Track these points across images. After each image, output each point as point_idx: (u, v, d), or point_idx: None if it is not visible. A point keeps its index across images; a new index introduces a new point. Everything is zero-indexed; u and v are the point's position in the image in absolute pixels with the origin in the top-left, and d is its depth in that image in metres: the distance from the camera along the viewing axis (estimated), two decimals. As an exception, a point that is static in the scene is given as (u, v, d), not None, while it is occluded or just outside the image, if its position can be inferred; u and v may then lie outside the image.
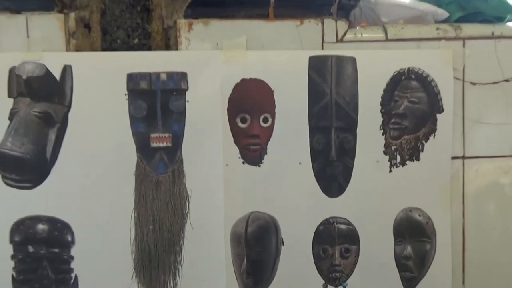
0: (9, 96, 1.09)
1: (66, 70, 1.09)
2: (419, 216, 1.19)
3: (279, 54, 1.14)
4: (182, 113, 1.12)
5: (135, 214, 1.11)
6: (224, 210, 1.13)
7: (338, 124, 1.15)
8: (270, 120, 1.15)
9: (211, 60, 1.12)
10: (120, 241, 1.11)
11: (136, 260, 1.11)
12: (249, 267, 1.14)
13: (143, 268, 1.12)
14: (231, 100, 1.13)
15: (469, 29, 1.20)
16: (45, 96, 1.10)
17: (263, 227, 1.15)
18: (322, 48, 1.16)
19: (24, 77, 1.09)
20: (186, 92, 1.11)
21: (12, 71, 1.09)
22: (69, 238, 1.10)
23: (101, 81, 1.10)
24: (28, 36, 1.11)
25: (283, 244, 1.15)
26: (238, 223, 1.14)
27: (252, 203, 1.14)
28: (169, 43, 1.18)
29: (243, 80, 1.13)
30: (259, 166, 1.14)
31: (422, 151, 1.18)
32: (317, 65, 1.14)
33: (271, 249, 1.15)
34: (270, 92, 1.14)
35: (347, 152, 1.16)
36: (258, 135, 1.14)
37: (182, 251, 1.12)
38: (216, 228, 1.13)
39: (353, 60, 1.15)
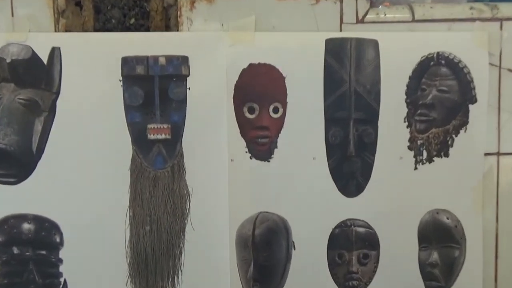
0: (-9, 81, 1.00)
1: (55, 53, 0.96)
2: (447, 219, 1.05)
3: (292, 37, 1.00)
4: (183, 102, 0.98)
5: (130, 213, 0.98)
6: (229, 210, 0.99)
7: (357, 115, 1.00)
8: (281, 110, 1.01)
9: (215, 42, 0.98)
10: (113, 243, 0.98)
11: (131, 264, 0.99)
12: (256, 273, 1.00)
13: (139, 273, 0.99)
14: (238, 87, 0.99)
15: (507, 9, 1.04)
16: (31, 81, 0.97)
17: (272, 229, 1.01)
18: (340, 30, 1.02)
19: (8, 60, 0.95)
20: (188, 78, 0.98)
21: (-6, 53, 1.00)
22: (58, 239, 0.97)
23: (93, 66, 0.97)
24: (12, 15, 0.98)
25: (294, 248, 1.02)
26: (244, 224, 1.01)
27: (260, 202, 1.00)
28: (169, 24, 1.05)
29: (251, 65, 0.99)
30: (268, 161, 1.00)
31: (452, 146, 1.03)
32: (334, 49, 1.00)
33: (281, 253, 1.02)
34: (281, 78, 1.00)
35: (367, 147, 1.01)
36: (267, 126, 1.00)
37: (182, 255, 0.99)
38: (220, 230, 1.00)
39: (375, 44, 1.00)
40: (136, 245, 0.98)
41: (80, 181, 0.97)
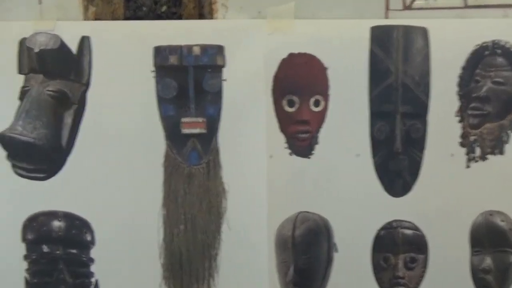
0: (20, 72, 0.90)
1: (84, 42, 0.90)
2: (502, 221, 0.94)
3: (334, 24, 0.91)
4: (218, 94, 0.91)
5: (164, 211, 0.91)
6: (267, 210, 0.91)
7: (404, 109, 0.91)
8: (322, 103, 0.92)
9: (252, 31, 0.90)
10: (146, 242, 0.91)
11: (165, 265, 0.92)
12: (296, 276, 0.92)
13: (173, 275, 0.92)
14: (277, 79, 0.91)
15: None
16: (60, 72, 0.90)
17: (313, 230, 0.93)
18: (386, 17, 0.93)
19: (36, 50, 0.89)
20: (223, 69, 0.90)
21: (22, 43, 0.90)
22: (89, 238, 0.91)
23: (124, 56, 0.90)
24: (40, 2, 0.93)
25: (336, 251, 0.93)
26: (284, 224, 0.92)
27: (300, 201, 0.92)
28: (202, 12, 0.97)
29: (291, 55, 0.91)
30: (309, 157, 0.92)
31: (507, 142, 0.93)
32: (380, 38, 0.91)
33: (322, 256, 0.93)
34: (323, 69, 0.91)
35: (415, 143, 0.92)
36: (308, 121, 0.92)
37: (218, 256, 0.92)
38: (258, 230, 0.92)
39: (424, 32, 0.91)
40: (170, 245, 0.91)
41: (111, 177, 0.91)
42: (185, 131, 0.91)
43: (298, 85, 0.92)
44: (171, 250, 0.92)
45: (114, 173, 0.91)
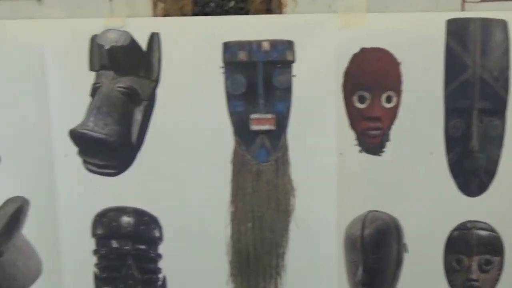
0: (91, 69, 0.88)
1: (153, 39, 0.87)
2: None
3: (408, 18, 0.86)
4: (288, 90, 0.87)
5: (232, 209, 0.89)
6: (337, 208, 0.88)
7: (482, 105, 0.86)
8: (394, 99, 0.87)
9: (323, 25, 0.86)
10: (214, 239, 0.89)
11: (233, 262, 0.89)
12: (365, 276, 0.88)
13: (240, 272, 0.89)
14: (348, 74, 0.87)
15: None
16: (130, 69, 0.88)
17: (383, 229, 0.88)
18: (463, 9, 0.87)
19: (107, 47, 0.87)
20: (293, 65, 0.86)
21: (93, 40, 0.88)
22: (157, 234, 0.89)
23: (193, 52, 0.87)
24: (110, 0, 0.90)
25: (406, 251, 0.89)
26: (353, 223, 0.89)
27: (370, 200, 0.88)
28: (270, 6, 0.93)
29: (362, 50, 0.86)
30: (380, 155, 0.87)
31: None
32: (456, 31, 0.85)
33: (392, 256, 0.89)
34: (396, 64, 0.86)
35: (493, 141, 0.86)
36: (380, 117, 0.87)
37: (286, 255, 0.89)
38: (327, 228, 0.88)
39: (503, 24, 0.85)
40: (238, 242, 0.89)
41: (180, 173, 0.88)
42: (254, 127, 0.88)
43: (370, 81, 0.88)
44: (239, 248, 0.89)
45: (183, 169, 0.89)
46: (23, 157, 0.90)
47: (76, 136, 0.88)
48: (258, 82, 0.87)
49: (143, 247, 0.90)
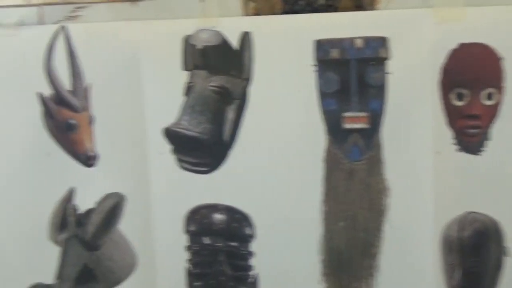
0: (184, 68, 0.88)
1: (245, 38, 0.86)
2: None
3: (510, 11, 0.79)
4: (382, 88, 0.83)
5: (324, 208, 0.86)
6: (434, 209, 0.83)
7: None
8: (495, 96, 0.81)
9: (418, 20, 0.81)
10: (306, 238, 0.86)
11: (325, 262, 0.86)
12: (463, 280, 0.83)
13: (332, 272, 0.86)
14: (445, 70, 0.81)
15: None
16: (223, 68, 0.87)
17: (482, 232, 0.83)
18: None
19: (200, 46, 0.87)
20: (387, 62, 0.82)
21: (186, 40, 0.88)
22: (249, 231, 0.88)
23: (284, 50, 0.85)
24: (202, 0, 0.87)
25: (507, 255, 0.83)
26: (450, 225, 0.83)
27: (469, 201, 0.83)
28: (360, 3, 0.90)
29: (461, 45, 0.80)
30: (479, 154, 0.82)
31: None
32: None
33: (491, 260, 0.83)
34: (497, 60, 0.80)
35: None
36: (479, 115, 0.81)
37: (379, 255, 0.85)
38: (423, 229, 0.84)
39: None
40: (330, 241, 0.86)
41: (272, 171, 0.87)
42: (347, 126, 0.85)
43: (469, 77, 0.82)
44: (331, 247, 0.86)
45: (275, 168, 0.86)
46: (120, 155, 0.92)
47: (171, 134, 0.89)
48: (351, 80, 0.84)
49: (235, 244, 0.89)
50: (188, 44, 0.88)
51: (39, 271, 0.97)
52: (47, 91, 0.94)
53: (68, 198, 0.96)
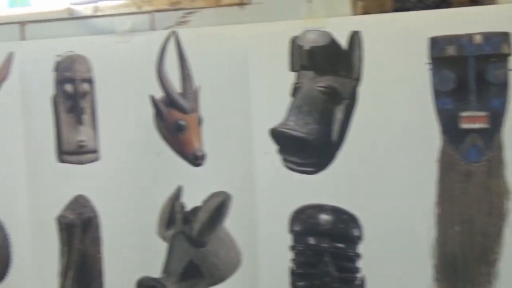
0: (292, 69, 0.85)
1: (354, 37, 0.81)
2: None
3: None
4: (504, 85, 0.75)
5: (438, 210, 0.79)
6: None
7: None
8: None
9: (544, 13, 0.76)
10: (417, 241, 0.79)
11: (438, 267, 0.79)
12: None
13: (446, 277, 0.79)
14: None
15: None
16: (330, 68, 0.83)
17: None
18: None
19: (307, 47, 0.84)
20: (509, 58, 0.75)
21: (293, 41, 0.85)
22: (356, 233, 0.83)
23: (396, 49, 0.79)
24: (309, 1, 0.85)
25: None
26: None
27: None
28: (476, -2, 0.85)
29: None
30: None
31: None
32: None
33: None
34: None
35: None
36: None
37: (498, 262, 0.77)
38: (549, 236, 0.77)
39: None
40: (443, 246, 0.78)
41: (381, 172, 0.81)
42: (464, 126, 0.77)
43: None
44: (445, 252, 0.79)
45: (385, 169, 0.81)
46: (227, 155, 0.90)
47: (277, 135, 0.85)
48: (469, 77, 0.76)
49: (341, 245, 0.84)
50: (295, 45, 0.85)
51: (147, 265, 0.97)
52: (159, 94, 0.95)
53: (176, 196, 0.96)
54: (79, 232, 1.04)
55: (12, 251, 1.08)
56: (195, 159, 0.93)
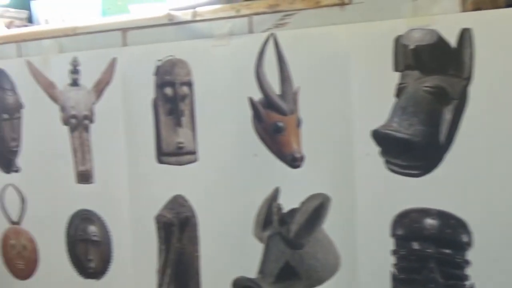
0: (396, 69, 0.83)
1: (464, 35, 0.78)
2: None
3: None
4: None
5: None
6: None
7: None
8: None
9: None
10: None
11: None
12: None
13: None
14: None
15: None
16: (437, 67, 0.81)
17: None
18: None
19: (412, 46, 0.82)
20: None
21: (397, 40, 0.83)
22: (465, 239, 0.80)
23: (510, 46, 0.75)
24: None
25: None
26: None
27: None
28: None
29: None
30: None
31: None
32: None
33: None
34: None
35: None
36: None
37: None
38: None
39: None
40: None
41: (492, 175, 0.78)
42: None
43: None
44: None
45: (496, 172, 0.77)
46: (326, 156, 0.91)
47: (379, 136, 0.85)
48: None
49: (448, 251, 0.82)
50: (399, 45, 0.84)
51: (243, 265, 1.00)
52: (257, 96, 0.97)
53: (274, 197, 0.98)
54: (177, 231, 1.09)
55: (113, 248, 1.18)
56: (293, 161, 0.94)
